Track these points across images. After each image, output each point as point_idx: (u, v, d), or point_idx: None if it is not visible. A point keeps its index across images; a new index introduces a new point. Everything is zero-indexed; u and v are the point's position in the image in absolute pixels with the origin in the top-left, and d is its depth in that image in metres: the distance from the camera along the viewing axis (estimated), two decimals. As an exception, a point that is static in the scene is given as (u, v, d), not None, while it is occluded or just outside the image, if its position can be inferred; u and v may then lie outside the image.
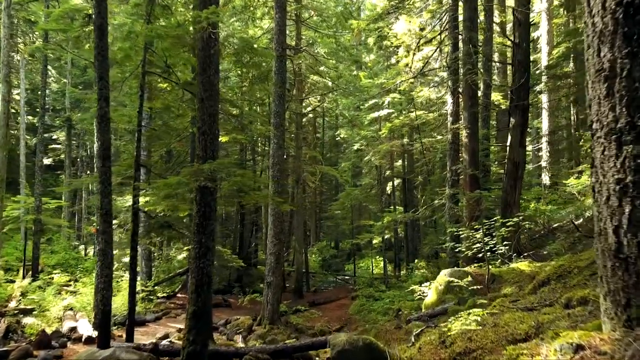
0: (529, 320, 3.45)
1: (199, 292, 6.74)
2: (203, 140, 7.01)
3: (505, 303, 5.10)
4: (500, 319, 3.78)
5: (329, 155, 41.52)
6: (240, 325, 13.69)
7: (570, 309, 3.54)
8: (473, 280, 8.39)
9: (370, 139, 25.55)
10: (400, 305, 15.44)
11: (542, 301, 4.59)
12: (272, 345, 8.31)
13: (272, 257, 14.23)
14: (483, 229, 8.02)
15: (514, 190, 12.11)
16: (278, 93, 14.38)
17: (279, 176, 14.33)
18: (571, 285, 5.04)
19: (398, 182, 28.46)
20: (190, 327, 6.66)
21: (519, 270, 8.26)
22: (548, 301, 4.50)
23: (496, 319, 3.82)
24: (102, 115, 8.39)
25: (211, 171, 6.55)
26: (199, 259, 6.83)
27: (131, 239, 9.03)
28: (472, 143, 12.65)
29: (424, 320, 7.65)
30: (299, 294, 20.85)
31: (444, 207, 13.73)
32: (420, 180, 22.47)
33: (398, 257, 26.60)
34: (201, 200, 6.87)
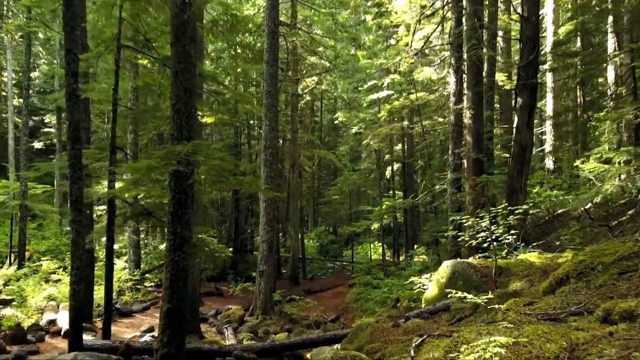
0: (557, 338, 2.76)
1: (174, 289, 6.05)
2: (177, 119, 6.25)
3: (520, 306, 4.40)
4: (520, 334, 3.08)
5: (327, 140, 40.69)
6: (231, 316, 13.07)
7: (611, 325, 2.85)
8: (478, 272, 7.71)
9: (369, 121, 24.71)
10: (399, 294, 14.83)
11: (565, 306, 3.88)
12: (259, 343, 7.67)
13: (265, 245, 13.57)
14: (489, 217, 7.31)
15: (520, 175, 11.37)
16: (270, 72, 13.55)
17: (272, 160, 13.59)
18: (597, 286, 4.34)
19: (398, 167, 27.72)
20: (165, 327, 5.98)
21: (528, 262, 7.57)
22: (573, 307, 3.79)
23: (514, 332, 3.12)
24: (71, 93, 7.61)
25: (186, 154, 5.80)
26: (174, 252, 6.12)
27: (107, 228, 8.31)
28: (476, 124, 11.88)
29: (425, 317, 6.99)
30: (294, 282, 20.28)
31: (445, 193, 13.00)
32: (421, 164, 21.71)
33: (397, 243, 25.98)
34: (176, 186, 6.13)
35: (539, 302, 4.39)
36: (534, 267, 7.31)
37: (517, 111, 11.82)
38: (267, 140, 13.57)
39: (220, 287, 19.04)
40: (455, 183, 12.29)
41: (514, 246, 8.81)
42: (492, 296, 6.39)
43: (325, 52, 21.18)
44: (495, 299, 6.14)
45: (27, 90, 19.79)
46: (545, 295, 5.00)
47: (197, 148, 5.92)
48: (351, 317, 15.32)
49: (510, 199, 10.92)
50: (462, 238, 8.89)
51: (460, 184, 12.35)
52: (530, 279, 6.78)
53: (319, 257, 29.13)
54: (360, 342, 6.57)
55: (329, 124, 39.97)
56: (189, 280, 6.27)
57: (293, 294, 18.04)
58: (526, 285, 6.55)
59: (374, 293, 16.62)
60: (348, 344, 6.86)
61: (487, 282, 7.47)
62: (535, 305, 4.20)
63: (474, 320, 5.72)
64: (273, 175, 13.65)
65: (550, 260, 7.37)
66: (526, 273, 7.15)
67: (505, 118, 22.27)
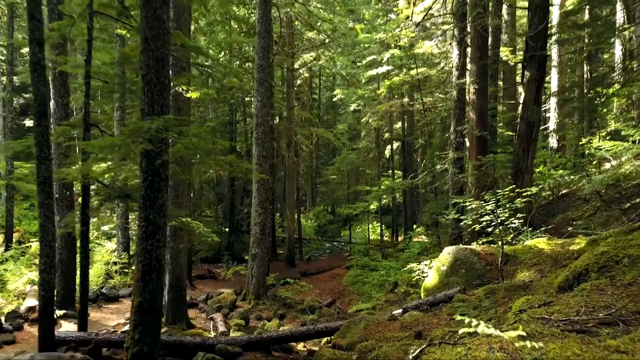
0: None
1: (147, 281, 5.44)
2: (148, 92, 5.54)
3: (535, 307, 3.79)
4: (544, 353, 2.48)
5: (326, 118, 39.81)
6: (222, 301, 12.56)
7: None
8: (482, 260, 7.12)
9: (367, 98, 23.90)
10: (396, 278, 14.33)
11: (592, 311, 3.27)
12: (245, 336, 7.12)
13: (257, 228, 12.98)
14: (499, 199, 6.68)
15: (526, 154, 10.70)
16: (262, 44, 12.74)
17: (264, 138, 12.90)
18: (624, 284, 3.73)
19: (397, 145, 27.02)
20: (136, 323, 5.40)
21: (536, 249, 6.97)
22: (601, 312, 3.18)
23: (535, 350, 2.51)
24: (36, 63, 6.87)
25: (156, 130, 5.13)
26: (147, 240, 5.50)
27: (81, 211, 7.69)
28: (481, 100, 11.15)
29: (424, 309, 6.42)
30: (290, 263, 19.79)
31: (446, 173, 12.36)
32: (421, 142, 20.98)
33: (396, 223, 25.48)
34: (147, 167, 5.47)
35: (557, 301, 3.78)
36: (544, 254, 6.71)
37: (524, 85, 11.08)
38: (259, 117, 12.85)
39: (214, 269, 18.53)
40: (457, 163, 11.63)
41: (519, 230, 8.22)
42: (498, 286, 5.81)
43: (323, 25, 20.22)
44: (501, 291, 5.56)
45: (11, 65, 18.95)
46: (561, 291, 4.39)
47: (169, 124, 5.25)
48: (347, 300, 14.85)
49: (516, 180, 10.28)
50: (465, 222, 8.28)
51: (463, 163, 11.69)
52: (540, 268, 6.19)
53: (317, 237, 28.64)
54: (353, 337, 6.02)
55: (327, 102, 39.06)
56: (164, 270, 5.67)
57: (288, 276, 17.55)
58: (536, 275, 5.95)
59: (371, 276, 16.13)
60: (340, 338, 6.32)
61: (491, 271, 6.89)
62: (554, 307, 3.59)
63: (479, 316, 5.14)
64: (266, 154, 12.97)
65: (561, 247, 6.78)
66: (535, 261, 6.55)
67: (509, 94, 21.49)
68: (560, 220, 11.73)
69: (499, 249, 7.31)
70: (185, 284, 10.39)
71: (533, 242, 7.32)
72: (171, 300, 10.03)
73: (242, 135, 26.44)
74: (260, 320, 11.91)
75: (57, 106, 10.71)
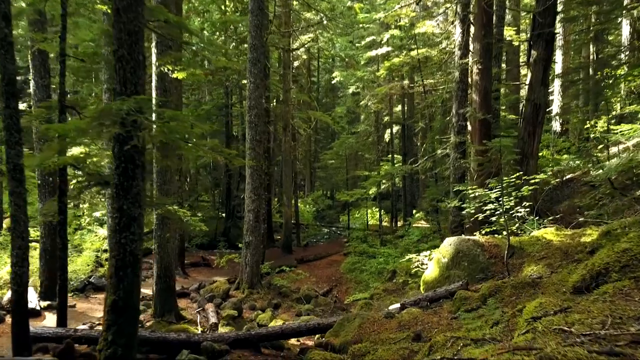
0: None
1: (121, 277, 4.98)
2: (120, 70, 5.01)
3: (550, 313, 3.32)
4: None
5: (324, 101, 39.10)
6: (215, 290, 12.15)
7: None
8: (485, 252, 6.65)
9: (367, 81, 23.23)
10: (395, 266, 13.93)
11: (619, 322, 2.80)
12: (233, 333, 6.70)
13: (251, 215, 12.52)
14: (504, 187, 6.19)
15: (532, 138, 10.20)
16: (254, 22, 12.11)
17: (257, 122, 12.35)
18: (653, 288, 3.25)
19: (397, 129, 26.44)
20: (110, 323, 4.95)
21: (544, 241, 6.50)
22: (633, 324, 2.71)
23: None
24: (2, 39, 6.32)
25: (127, 113, 4.61)
26: (120, 233, 5.02)
27: (58, 200, 7.22)
28: (484, 81, 10.58)
29: (423, 305, 5.98)
30: (287, 250, 19.40)
31: (448, 158, 11.84)
32: (422, 126, 20.39)
33: (395, 208, 25.04)
34: (120, 153, 4.96)
35: (575, 307, 3.31)
36: (552, 246, 6.24)
37: (530, 66, 10.52)
38: (252, 99, 12.27)
39: (208, 256, 18.13)
40: (459, 147, 11.11)
41: (523, 219, 7.74)
42: (503, 282, 5.36)
43: (320, 4, 19.48)
44: (508, 288, 5.10)
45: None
46: (577, 293, 3.92)
47: (143, 105, 4.72)
48: (345, 289, 14.47)
49: (521, 165, 9.77)
50: (467, 210, 7.80)
51: (465, 148, 11.17)
52: (549, 262, 5.72)
53: (315, 223, 28.23)
54: (346, 336, 5.59)
55: (326, 84, 38.32)
56: (140, 266, 5.20)
57: (285, 263, 17.16)
58: (545, 270, 5.49)
59: (369, 263, 15.73)
60: (333, 336, 5.88)
61: (496, 264, 6.43)
62: (573, 315, 3.11)
63: (484, 318, 4.69)
64: (260, 138, 12.44)
65: (571, 239, 6.31)
66: (543, 254, 6.09)
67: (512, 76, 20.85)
68: (566, 208, 11.25)
69: (503, 240, 6.84)
70: (174, 274, 9.97)
71: (540, 233, 6.85)
72: (160, 291, 9.61)
73: (238, 119, 25.83)
74: (253, 310, 11.52)
75: (37, 87, 10.15)
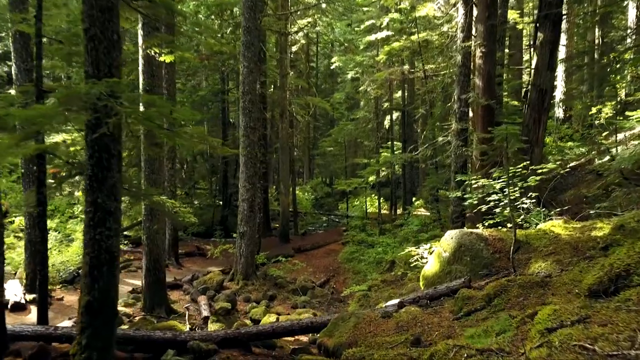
0: None
1: (96, 276, 4.60)
2: (92, 50, 4.56)
3: (567, 323, 2.94)
4: None
5: (323, 87, 38.51)
6: (209, 281, 11.82)
7: None
8: (489, 247, 6.27)
9: (366, 66, 22.68)
10: (394, 256, 13.59)
11: (650, 340, 2.42)
12: (221, 331, 6.34)
13: (246, 204, 12.14)
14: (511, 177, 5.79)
15: (537, 125, 9.77)
16: (248, 4, 11.59)
17: (251, 108, 11.90)
18: (684, 296, 2.87)
19: (397, 116, 25.95)
20: (84, 326, 4.58)
21: (552, 234, 6.12)
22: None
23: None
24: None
25: (98, 97, 4.18)
26: (95, 228, 4.62)
27: (37, 190, 6.80)
28: (488, 65, 10.10)
29: (423, 304, 5.61)
30: (284, 239, 19.07)
31: (449, 146, 11.41)
32: (422, 112, 19.89)
33: (394, 196, 24.66)
34: (94, 141, 4.55)
35: (595, 317, 2.93)
36: (561, 240, 5.86)
37: (536, 49, 10.04)
38: (245, 84, 11.81)
39: (204, 245, 17.80)
40: (461, 134, 10.68)
41: (527, 210, 7.36)
42: (509, 281, 4.98)
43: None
44: (515, 287, 4.73)
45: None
46: (594, 297, 3.54)
47: (115, 89, 4.29)
48: (342, 279, 14.15)
49: (525, 153, 9.36)
50: (470, 201, 7.40)
51: (467, 135, 10.74)
52: (557, 258, 5.34)
53: (313, 211, 27.88)
54: (341, 337, 5.23)
55: (325, 70, 37.70)
56: (117, 263, 4.81)
57: (282, 252, 16.84)
58: (554, 268, 5.11)
59: (367, 253, 15.40)
60: (327, 337, 5.53)
61: (500, 260, 6.05)
62: (594, 328, 2.73)
63: (488, 320, 4.32)
64: (253, 125, 12.00)
65: (581, 232, 5.92)
66: (551, 249, 5.71)
67: (515, 61, 20.33)
68: (571, 197, 10.86)
69: (508, 233, 6.47)
70: (164, 267, 9.61)
71: (547, 226, 6.46)
72: (149, 285, 9.26)
73: (235, 105, 25.31)
74: (248, 303, 11.21)
75: (20, 71, 9.69)
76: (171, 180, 13.94)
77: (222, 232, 21.35)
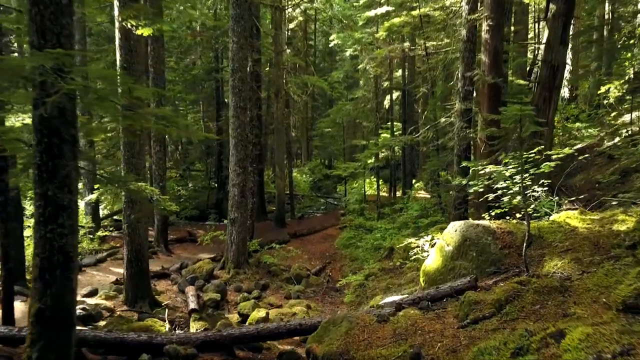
0: None
1: (47, 281, 3.99)
2: (37, 16, 3.86)
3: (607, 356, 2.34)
4: None
5: (322, 65, 37.49)
6: (198, 270, 11.27)
7: None
8: (498, 241, 5.65)
9: (365, 43, 21.76)
10: (393, 242, 13.03)
11: None
12: (201, 334, 5.78)
13: (236, 189, 11.52)
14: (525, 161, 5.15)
15: (548, 104, 9.08)
16: (237, -27, 10.77)
17: (241, 87, 11.17)
18: None
19: (397, 95, 25.13)
20: (35, 338, 3.98)
21: (567, 227, 5.50)
22: None
23: None
24: None
25: (42, 72, 3.51)
26: (45, 225, 3.99)
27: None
28: (495, 40, 9.34)
29: (424, 306, 5.02)
30: (280, 223, 18.50)
31: (451, 128, 10.73)
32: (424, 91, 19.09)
33: (394, 177, 24.01)
34: (43, 125, 3.89)
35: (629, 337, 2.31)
36: (578, 235, 5.24)
37: (547, 22, 9.28)
38: (235, 61, 11.06)
39: (196, 230, 17.22)
40: (465, 115, 9.97)
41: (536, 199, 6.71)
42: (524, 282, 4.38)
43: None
44: (530, 293, 4.12)
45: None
46: (631, 313, 2.92)
47: (64, 61, 3.61)
48: (339, 266, 13.62)
49: (533, 135, 8.70)
50: (475, 188, 6.76)
51: (471, 116, 10.05)
52: (576, 256, 4.73)
53: (311, 193, 27.27)
54: (331, 344, 4.65)
55: (324, 48, 36.67)
56: (73, 265, 4.19)
57: (277, 237, 16.30)
58: (572, 268, 4.50)
59: (365, 238, 14.84)
60: (316, 343, 4.95)
61: (510, 256, 5.44)
62: None
63: (499, 332, 3.73)
64: (244, 105, 11.28)
65: (600, 225, 5.30)
66: (568, 245, 5.09)
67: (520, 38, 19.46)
68: (582, 183, 10.23)
69: (518, 225, 5.85)
70: (147, 257, 9.02)
71: (562, 217, 5.84)
72: (131, 276, 8.70)
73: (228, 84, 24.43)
74: (239, 293, 10.68)
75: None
76: (159, 163, 13.28)
77: (216, 216, 20.80)
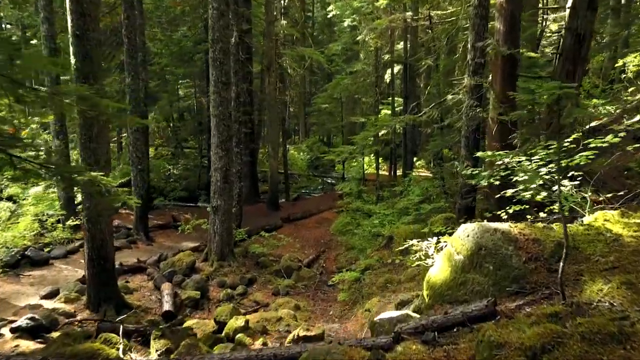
0: None
1: None
2: None
3: None
4: None
5: (320, 37, 35.85)
6: (177, 263, 10.26)
7: None
8: (520, 251, 4.56)
9: (364, 12, 20.28)
10: (392, 230, 12.00)
11: None
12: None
13: (219, 174, 10.42)
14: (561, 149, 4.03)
15: (572, 79, 7.87)
16: None
17: (223, 59, 9.93)
18: None
19: (398, 69, 23.74)
20: None
21: (608, 235, 4.40)
22: None
23: None
24: None
25: None
26: None
27: None
28: (511, 4, 8.06)
29: (428, 339, 3.95)
30: (273, 206, 17.47)
31: (460, 106, 9.54)
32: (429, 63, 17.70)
33: (394, 156, 22.85)
34: None
35: None
36: (625, 246, 4.16)
37: (573, -17, 7.98)
38: (215, 30, 9.79)
39: (183, 214, 16.16)
40: (475, 92, 8.77)
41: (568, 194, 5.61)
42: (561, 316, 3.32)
43: None
44: (574, 341, 3.05)
45: None
46: None
47: None
48: (334, 256, 12.62)
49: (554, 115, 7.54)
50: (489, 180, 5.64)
51: (482, 92, 8.85)
52: (627, 278, 3.64)
53: (308, 172, 26.15)
54: (309, 392, 3.61)
55: (322, 20, 34.99)
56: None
57: (269, 222, 15.29)
58: (625, 297, 3.42)
59: (363, 224, 13.80)
60: (292, 385, 3.91)
61: (537, 272, 4.36)
62: None
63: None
64: (226, 79, 10.06)
65: (653, 234, 4.20)
66: (613, 261, 4.01)
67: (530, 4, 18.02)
68: (606, 169, 9.07)
69: (545, 231, 4.74)
70: (112, 254, 7.96)
71: (599, 221, 4.74)
72: (93, 277, 7.68)
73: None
74: (222, 288, 9.71)
75: None
76: (136, 144, 12.14)
77: (206, 198, 19.75)
